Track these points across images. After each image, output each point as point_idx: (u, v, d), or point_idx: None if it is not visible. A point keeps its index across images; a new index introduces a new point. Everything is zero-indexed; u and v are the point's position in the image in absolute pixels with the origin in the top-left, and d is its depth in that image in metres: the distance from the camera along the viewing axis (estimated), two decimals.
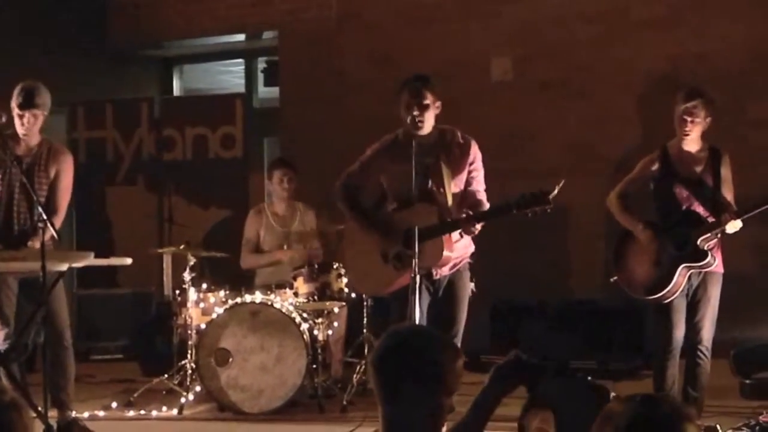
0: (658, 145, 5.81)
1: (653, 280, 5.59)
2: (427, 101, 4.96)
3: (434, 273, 5.01)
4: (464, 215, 4.79)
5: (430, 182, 4.87)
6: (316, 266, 6.49)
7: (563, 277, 8.21)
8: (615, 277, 5.75)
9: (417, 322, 4.52)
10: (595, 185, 7.26)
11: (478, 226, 4.78)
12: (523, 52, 8.44)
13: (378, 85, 8.09)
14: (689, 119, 5.66)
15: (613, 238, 5.96)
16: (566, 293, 8.01)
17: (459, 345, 4.69)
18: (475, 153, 5.14)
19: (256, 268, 7.05)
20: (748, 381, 6.03)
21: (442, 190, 4.91)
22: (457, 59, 8.54)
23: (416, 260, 4.58)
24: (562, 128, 8.27)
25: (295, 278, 6.52)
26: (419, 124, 4.93)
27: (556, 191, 4.52)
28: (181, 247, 6.94)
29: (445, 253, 4.90)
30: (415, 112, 4.92)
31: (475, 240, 5.13)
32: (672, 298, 5.57)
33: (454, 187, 5.05)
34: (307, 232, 7.04)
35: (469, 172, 5.07)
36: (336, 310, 6.76)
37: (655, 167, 5.72)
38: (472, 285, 5.26)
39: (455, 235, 4.94)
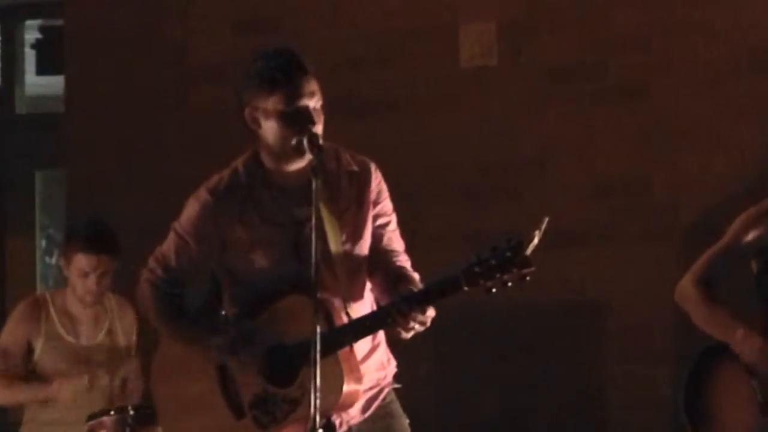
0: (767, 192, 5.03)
1: None
2: (320, 103, 3.92)
3: (336, 424, 4.03)
4: (388, 304, 3.82)
5: (308, 252, 3.76)
6: (131, 411, 5.18)
7: (592, 428, 6.58)
8: None
9: None
10: (648, 259, 6.29)
11: (427, 313, 3.76)
12: (518, 15, 6.73)
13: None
14: None
15: (683, 359, 4.92)
16: None
17: None
18: (381, 185, 4.11)
19: (3, 404, 5.84)
20: None
21: (329, 264, 3.91)
22: (394, 29, 6.92)
23: (313, 399, 3.62)
24: (588, 150, 6.60)
25: None
26: (317, 149, 3.82)
27: (536, 240, 3.59)
28: None
29: (347, 386, 3.88)
30: (317, 128, 3.85)
31: (396, 350, 4.17)
32: None
33: (350, 252, 4.02)
34: (120, 346, 5.67)
35: (375, 220, 4.04)
36: None
37: (759, 232, 4.84)
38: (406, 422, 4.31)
39: (363, 345, 3.97)
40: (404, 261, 4.09)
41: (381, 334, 4.10)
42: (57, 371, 5.53)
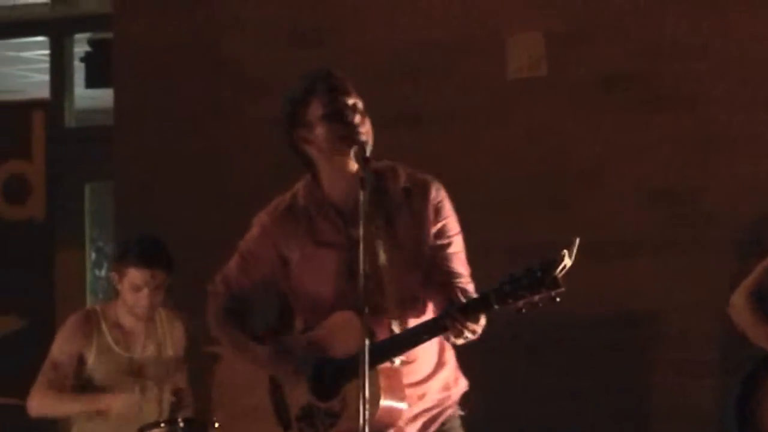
0: None
1: None
2: (361, 104, 3.95)
3: None
4: (433, 321, 3.87)
5: (362, 270, 3.76)
6: (181, 424, 5.18)
7: None
8: None
9: None
10: (700, 269, 6.28)
11: (474, 327, 3.79)
12: (567, 24, 6.68)
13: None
14: None
15: (731, 371, 5.34)
16: None
17: None
18: (441, 203, 4.04)
19: (53, 416, 5.80)
20: None
21: (378, 281, 3.93)
22: (442, 40, 6.88)
23: (362, 412, 3.62)
24: (639, 160, 6.59)
25: None
26: (363, 161, 3.82)
27: (567, 261, 3.57)
28: None
29: (384, 402, 3.85)
30: (362, 137, 3.87)
31: (465, 368, 4.15)
32: None
33: (404, 271, 4.00)
34: (169, 359, 5.67)
35: (434, 239, 3.99)
36: None
37: None
38: None
39: (426, 365, 4.00)
40: (466, 284, 4.07)
41: (449, 354, 4.12)
42: (108, 384, 5.57)
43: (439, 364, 4.07)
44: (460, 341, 3.94)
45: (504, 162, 6.56)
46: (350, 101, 3.99)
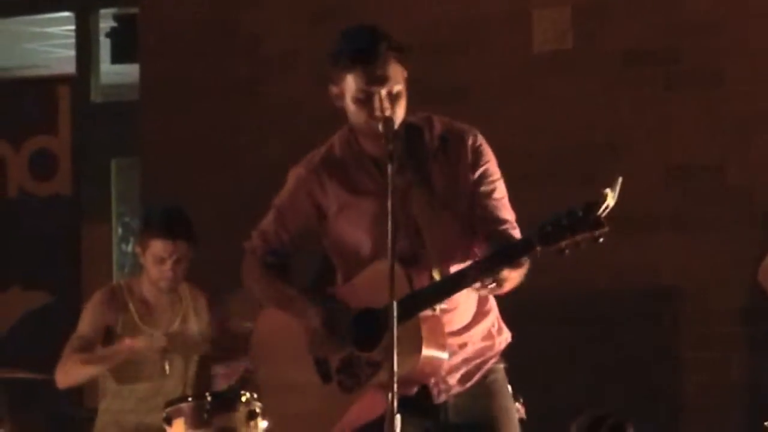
0: None
1: None
2: (400, 85, 3.85)
3: (435, 393, 3.98)
4: (460, 270, 3.82)
5: (397, 220, 3.78)
6: (209, 398, 5.25)
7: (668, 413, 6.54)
8: None
9: None
10: (722, 244, 6.37)
11: (507, 280, 3.73)
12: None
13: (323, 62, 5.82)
14: None
15: (763, 347, 5.85)
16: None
17: None
18: (480, 149, 4.01)
19: (82, 381, 5.83)
20: None
21: (417, 231, 3.94)
22: (465, 15, 7.00)
23: (395, 366, 3.63)
24: (662, 135, 6.67)
25: (170, 420, 5.26)
26: (391, 134, 3.80)
27: (611, 200, 3.53)
28: None
29: (426, 350, 3.85)
30: (387, 112, 3.82)
31: (509, 320, 4.10)
32: None
33: (442, 219, 3.97)
34: (195, 334, 5.76)
35: (476, 185, 3.96)
36: None
37: None
38: (518, 406, 4.59)
39: (466, 313, 3.97)
40: (511, 229, 4.04)
41: (492, 302, 4.12)
42: (133, 359, 5.61)
43: (481, 314, 4.08)
44: (504, 289, 3.92)
45: (529, 135, 6.56)
46: (384, 90, 3.94)
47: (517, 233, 4.03)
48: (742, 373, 6.21)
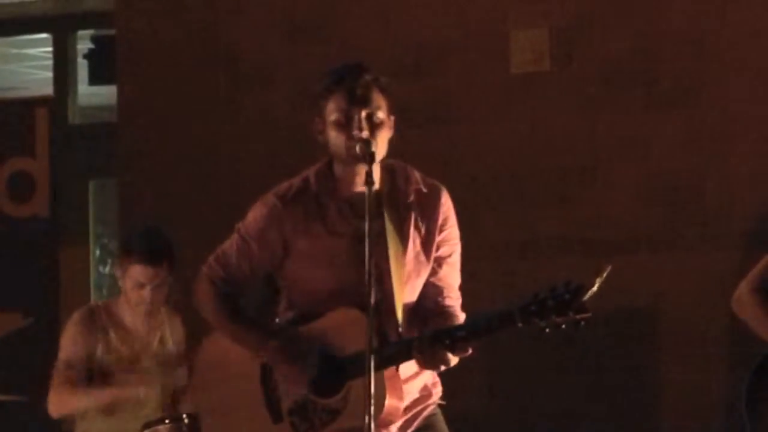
0: None
1: None
2: (381, 114, 3.88)
3: None
4: (429, 333, 3.82)
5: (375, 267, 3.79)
6: (186, 420, 5.15)
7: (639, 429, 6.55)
8: None
9: None
10: (702, 265, 6.36)
11: (453, 358, 3.81)
12: (570, 21, 6.72)
13: (306, 79, 6.17)
14: None
15: (741, 368, 5.02)
16: None
17: None
18: (449, 211, 4.06)
19: (73, 413, 5.67)
20: None
21: (386, 279, 3.93)
22: (443, 36, 6.93)
23: (370, 410, 3.68)
24: (640, 155, 6.65)
25: None
26: (368, 157, 3.82)
27: (595, 287, 3.61)
28: None
29: (390, 401, 3.89)
30: (364, 133, 3.84)
31: (470, 362, 4.08)
32: None
33: (410, 275, 4.00)
34: (171, 356, 5.70)
35: (438, 248, 4.00)
36: None
37: None
38: None
39: (409, 367, 3.97)
40: (454, 299, 4.07)
41: None
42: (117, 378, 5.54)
43: (419, 371, 4.09)
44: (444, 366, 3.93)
45: (507, 156, 6.52)
46: (365, 112, 3.95)
47: (457, 303, 4.09)
48: (721, 394, 6.14)
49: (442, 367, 3.92)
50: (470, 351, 3.88)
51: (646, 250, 6.06)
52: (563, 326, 3.71)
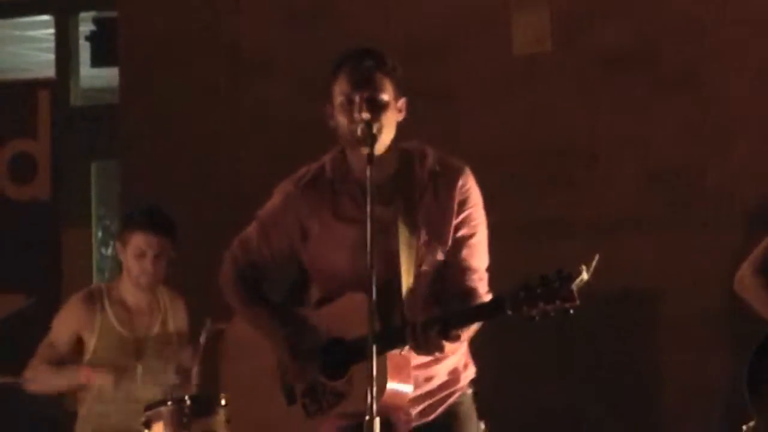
0: None
1: None
2: (384, 96, 3.85)
3: (396, 424, 3.97)
4: (422, 319, 3.78)
5: (376, 250, 3.79)
6: (188, 402, 5.18)
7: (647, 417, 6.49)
8: (752, 423, 4.81)
9: None
10: (702, 248, 6.32)
11: (454, 344, 3.82)
12: (571, 1, 6.71)
13: (306, 68, 6.80)
14: None
15: (741, 349, 5.08)
16: None
17: None
18: (468, 191, 3.99)
19: (46, 391, 5.83)
20: None
21: (396, 263, 3.92)
22: (444, 19, 6.89)
23: (371, 393, 3.63)
24: (641, 139, 6.61)
25: (149, 424, 5.23)
26: (369, 138, 3.80)
27: (585, 275, 3.61)
28: None
29: (391, 385, 3.85)
30: (364, 115, 3.81)
31: (476, 355, 4.14)
32: None
33: (424, 254, 3.96)
34: (173, 338, 5.73)
35: (456, 230, 3.94)
36: None
37: None
38: (481, 426, 4.35)
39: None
40: (476, 281, 4.05)
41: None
42: (111, 363, 5.59)
43: (451, 350, 4.04)
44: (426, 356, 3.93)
45: (508, 138, 6.52)
46: (367, 94, 3.93)
47: (483, 285, 4.05)
48: (720, 375, 6.14)
49: (437, 353, 3.90)
50: (462, 338, 3.90)
51: (646, 233, 6.06)
52: (552, 314, 3.72)
